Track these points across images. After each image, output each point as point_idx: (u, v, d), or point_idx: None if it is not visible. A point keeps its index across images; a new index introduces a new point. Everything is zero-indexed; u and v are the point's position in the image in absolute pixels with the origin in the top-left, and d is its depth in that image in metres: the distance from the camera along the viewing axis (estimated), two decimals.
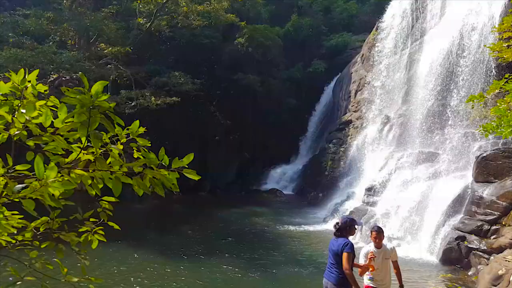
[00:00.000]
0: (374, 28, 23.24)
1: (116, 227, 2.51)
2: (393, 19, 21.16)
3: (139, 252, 11.92)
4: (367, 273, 5.52)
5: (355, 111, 23.83)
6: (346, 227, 5.30)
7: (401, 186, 14.79)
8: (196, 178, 2.17)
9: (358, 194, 17.83)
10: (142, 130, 2.08)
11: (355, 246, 5.32)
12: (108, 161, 2.02)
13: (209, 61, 27.73)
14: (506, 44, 10.28)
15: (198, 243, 13.60)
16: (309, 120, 31.01)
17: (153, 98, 21.47)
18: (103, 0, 25.93)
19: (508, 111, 8.42)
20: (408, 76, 18.30)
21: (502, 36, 10.71)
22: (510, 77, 8.96)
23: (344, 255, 5.01)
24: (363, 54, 24.52)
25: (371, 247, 5.65)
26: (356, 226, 5.44)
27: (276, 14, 34.60)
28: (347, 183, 20.55)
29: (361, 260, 5.56)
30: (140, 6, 25.22)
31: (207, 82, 25.36)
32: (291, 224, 17.20)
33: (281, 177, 28.52)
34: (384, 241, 5.79)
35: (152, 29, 25.40)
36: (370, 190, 16.15)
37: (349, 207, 17.20)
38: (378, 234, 5.65)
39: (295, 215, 19.66)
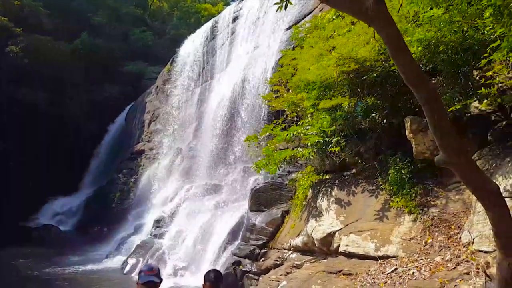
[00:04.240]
0: (169, 63, 24.06)
1: None
2: (187, 56, 22.46)
3: None
4: None
5: (148, 141, 23.63)
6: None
7: (189, 216, 15.28)
8: None
9: (147, 227, 17.34)
10: None
11: None
12: None
13: None
14: (275, 95, 12.45)
15: None
16: (99, 147, 28.68)
17: None
18: None
19: (275, 151, 10.07)
20: (199, 112, 19.60)
21: (272, 88, 12.93)
22: (277, 123, 10.85)
23: None
24: (157, 86, 24.89)
25: None
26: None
27: (63, 28, 30.77)
28: (136, 215, 19.76)
29: None
30: None
31: None
32: (65, 265, 15.11)
33: (58, 211, 24.93)
34: None
35: None
36: (159, 222, 16.00)
37: (136, 241, 16.46)
38: (214, 285, 3.44)
39: (72, 254, 17.36)
